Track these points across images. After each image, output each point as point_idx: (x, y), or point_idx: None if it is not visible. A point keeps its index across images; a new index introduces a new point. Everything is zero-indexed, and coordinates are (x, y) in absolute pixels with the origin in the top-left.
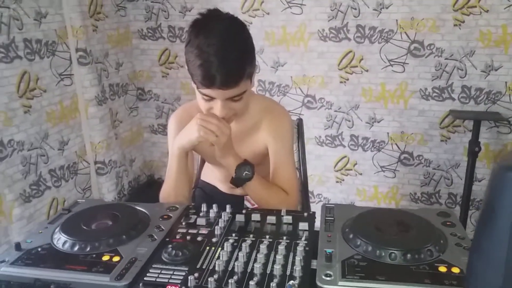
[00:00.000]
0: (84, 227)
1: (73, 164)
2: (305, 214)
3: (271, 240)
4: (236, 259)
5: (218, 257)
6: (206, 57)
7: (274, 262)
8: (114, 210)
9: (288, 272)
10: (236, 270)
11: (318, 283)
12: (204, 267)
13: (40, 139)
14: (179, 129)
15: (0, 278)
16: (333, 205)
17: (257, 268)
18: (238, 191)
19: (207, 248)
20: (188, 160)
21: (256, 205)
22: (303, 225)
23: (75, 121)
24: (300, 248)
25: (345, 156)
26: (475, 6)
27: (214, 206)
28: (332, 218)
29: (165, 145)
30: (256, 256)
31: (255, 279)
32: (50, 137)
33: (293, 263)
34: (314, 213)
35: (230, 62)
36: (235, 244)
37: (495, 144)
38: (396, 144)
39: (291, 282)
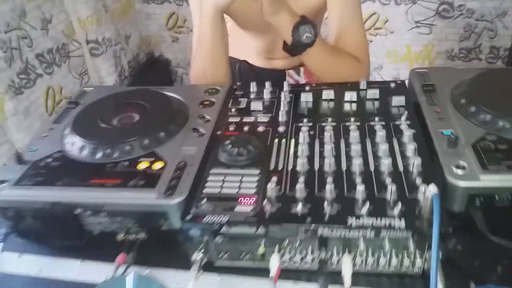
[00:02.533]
0: (104, 125)
1: (62, 45)
2: (392, 84)
3: (358, 123)
4: (321, 154)
5: (296, 154)
6: None
7: (375, 155)
8: (137, 99)
9: (401, 168)
10: (326, 169)
11: (450, 179)
12: (279, 168)
13: (17, 17)
14: None
15: (3, 205)
16: (425, 70)
17: (356, 165)
18: (278, 64)
19: (276, 140)
20: (223, 24)
21: (305, 81)
22: (398, 100)
23: None
24: (406, 133)
25: (374, 13)
26: None
27: (267, 84)
28: (432, 87)
29: (161, 17)
30: (349, 147)
31: (358, 180)
32: (28, 15)
33: (403, 153)
34: (404, 82)
35: None
36: (312, 133)
37: None
38: None
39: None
